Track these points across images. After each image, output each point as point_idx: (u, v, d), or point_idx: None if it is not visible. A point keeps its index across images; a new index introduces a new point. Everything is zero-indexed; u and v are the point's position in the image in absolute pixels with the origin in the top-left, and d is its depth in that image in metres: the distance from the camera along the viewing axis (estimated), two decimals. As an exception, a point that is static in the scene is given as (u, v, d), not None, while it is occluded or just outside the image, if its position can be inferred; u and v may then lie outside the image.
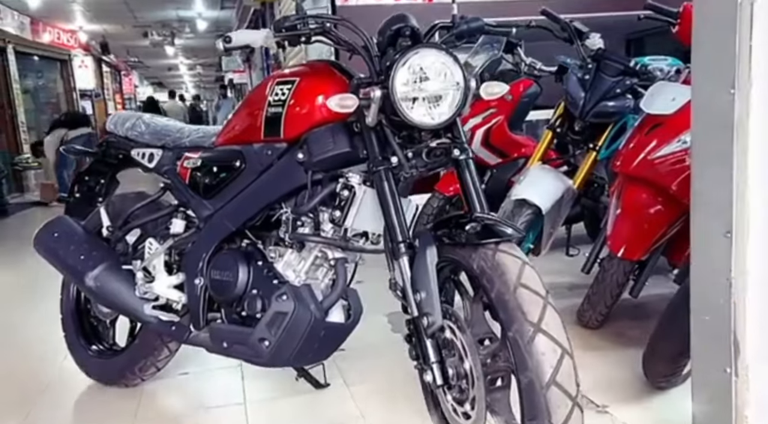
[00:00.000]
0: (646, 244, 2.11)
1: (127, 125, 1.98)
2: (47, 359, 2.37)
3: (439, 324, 1.25)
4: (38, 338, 2.65)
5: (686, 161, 2.05)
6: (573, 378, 1.09)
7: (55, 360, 2.33)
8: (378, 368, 2.11)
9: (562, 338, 1.10)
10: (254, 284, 1.60)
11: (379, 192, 1.40)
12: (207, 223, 1.74)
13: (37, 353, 2.47)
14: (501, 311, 1.12)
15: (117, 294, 1.80)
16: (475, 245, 1.20)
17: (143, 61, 17.28)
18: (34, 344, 2.59)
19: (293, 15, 1.46)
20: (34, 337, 2.70)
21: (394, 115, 1.37)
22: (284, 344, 1.51)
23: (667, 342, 1.64)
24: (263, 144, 1.60)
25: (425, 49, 1.36)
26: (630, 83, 2.48)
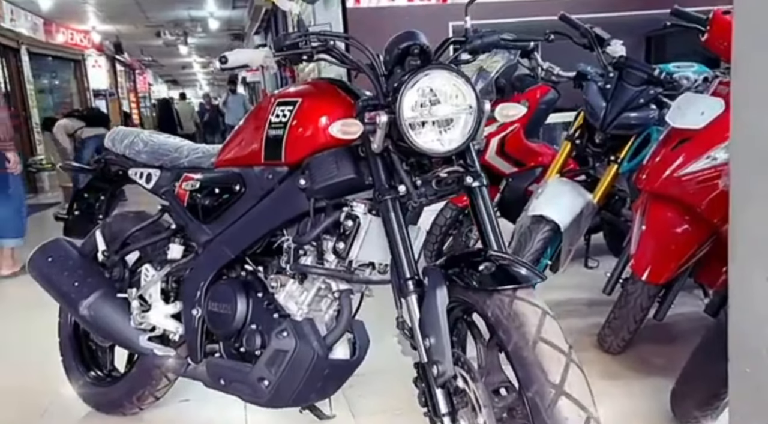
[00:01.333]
0: (673, 266, 1.98)
1: (125, 143, 1.90)
2: (47, 379, 2.29)
3: (450, 374, 1.14)
4: (40, 357, 2.59)
5: (715, 179, 1.93)
6: (599, 448, 0.98)
7: (55, 382, 2.25)
8: (387, 396, 2.01)
9: (587, 400, 0.99)
10: (253, 317, 1.50)
11: (386, 223, 1.30)
12: (205, 249, 1.65)
13: (38, 373, 2.40)
14: (519, 367, 1.02)
15: (112, 324, 1.71)
16: (490, 291, 1.09)
17: (157, 59, 17.30)
18: (35, 364, 2.52)
19: (294, 32, 1.36)
20: (36, 356, 2.63)
21: (401, 141, 1.27)
22: (285, 384, 1.42)
23: (699, 382, 1.52)
24: (264, 167, 1.51)
25: (435, 70, 1.26)
26: (654, 93, 2.35)
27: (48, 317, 2.18)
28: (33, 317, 3.04)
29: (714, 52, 2.06)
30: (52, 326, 2.16)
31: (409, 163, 1.33)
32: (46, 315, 2.19)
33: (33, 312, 3.06)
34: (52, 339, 2.15)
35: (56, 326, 2.14)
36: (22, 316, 3.19)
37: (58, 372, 2.13)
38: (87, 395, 2.02)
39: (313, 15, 6.03)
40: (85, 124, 7.32)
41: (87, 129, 7.31)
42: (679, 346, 2.34)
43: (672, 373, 2.08)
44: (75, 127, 7.35)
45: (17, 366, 2.55)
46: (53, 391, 2.20)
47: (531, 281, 1.08)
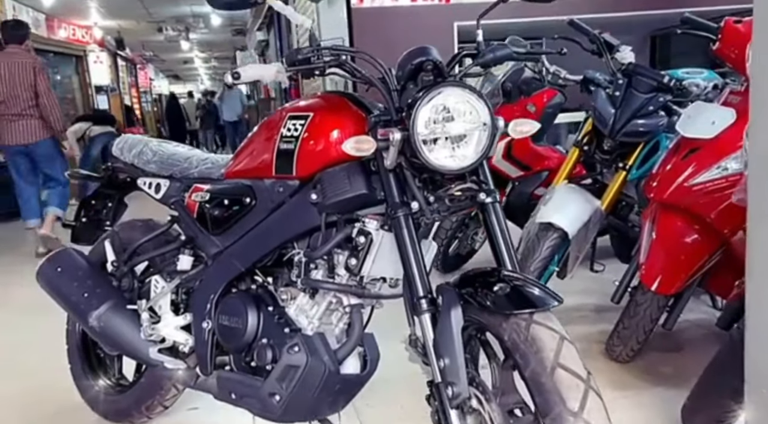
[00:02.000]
0: (683, 277, 1.98)
1: (134, 152, 1.89)
2: (54, 386, 2.29)
3: (465, 396, 1.14)
4: (46, 363, 2.59)
5: (726, 189, 1.92)
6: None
7: (62, 388, 2.25)
8: (395, 405, 2.01)
9: None
10: (264, 331, 1.50)
11: (399, 240, 1.29)
12: (215, 260, 1.64)
13: (45, 380, 2.40)
14: (537, 394, 1.01)
15: (121, 336, 1.71)
16: (507, 314, 1.08)
17: (158, 54, 17.23)
18: (42, 370, 2.52)
19: (306, 47, 1.35)
20: (43, 362, 2.63)
21: (414, 158, 1.26)
22: (296, 400, 1.41)
23: (712, 398, 1.52)
24: (274, 180, 1.50)
25: (449, 87, 1.25)
26: (663, 100, 2.34)
27: (54, 322, 2.18)
28: (39, 322, 3.05)
29: (725, 61, 2.04)
30: (58, 331, 2.16)
31: (422, 179, 1.33)
32: (52, 320, 2.19)
33: (39, 317, 3.07)
34: (59, 345, 2.15)
35: (62, 331, 2.14)
36: (28, 321, 3.18)
37: (65, 379, 2.13)
38: (95, 404, 2.02)
39: (316, 13, 6.01)
40: (92, 124, 7.34)
41: (95, 127, 7.33)
42: (687, 354, 2.34)
43: (681, 382, 2.08)
44: (83, 129, 7.37)
45: (23, 372, 2.55)
46: (60, 398, 2.20)
47: (548, 305, 1.08)
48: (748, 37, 1.92)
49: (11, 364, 2.66)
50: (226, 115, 11.59)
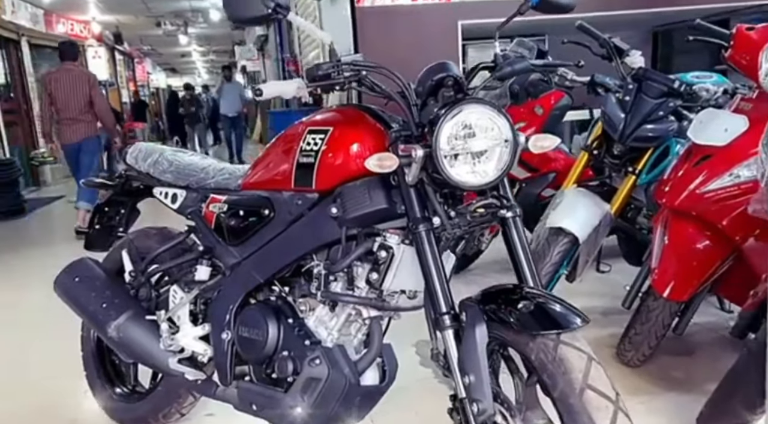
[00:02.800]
0: (695, 283, 1.99)
1: (149, 161, 1.89)
2: (70, 393, 2.31)
3: (490, 412, 1.15)
4: (58, 368, 2.60)
5: (738, 197, 1.93)
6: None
7: (78, 395, 2.27)
8: (410, 411, 2.03)
9: None
10: (285, 344, 1.51)
11: (420, 255, 1.30)
12: (233, 271, 1.65)
13: (59, 386, 2.42)
14: (566, 414, 1.03)
15: (141, 346, 1.72)
16: (534, 335, 1.09)
17: (156, 48, 17.19)
18: (55, 375, 2.54)
19: (326, 62, 1.36)
20: (54, 367, 2.64)
21: (436, 173, 1.27)
22: (317, 411, 1.43)
23: (729, 408, 1.53)
24: (293, 193, 1.51)
25: (471, 104, 1.25)
26: (674, 105, 2.35)
27: (66, 328, 2.19)
28: (53, 328, 3.07)
29: (737, 68, 2.05)
30: (71, 337, 2.17)
31: (443, 194, 1.33)
32: (65, 326, 2.20)
33: (53, 323, 3.08)
34: (73, 351, 2.16)
35: (74, 337, 2.16)
36: (41, 326, 3.19)
37: (80, 385, 2.15)
38: (113, 411, 2.03)
39: (318, 11, 5.99)
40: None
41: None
42: (698, 359, 2.36)
43: (693, 387, 2.11)
44: None
45: (38, 379, 2.56)
46: (77, 404, 2.22)
47: (575, 326, 1.09)
48: (761, 44, 1.93)
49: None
50: (225, 110, 10.92)
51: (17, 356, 2.83)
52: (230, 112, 10.64)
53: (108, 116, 5.45)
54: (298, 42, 7.63)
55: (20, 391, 2.45)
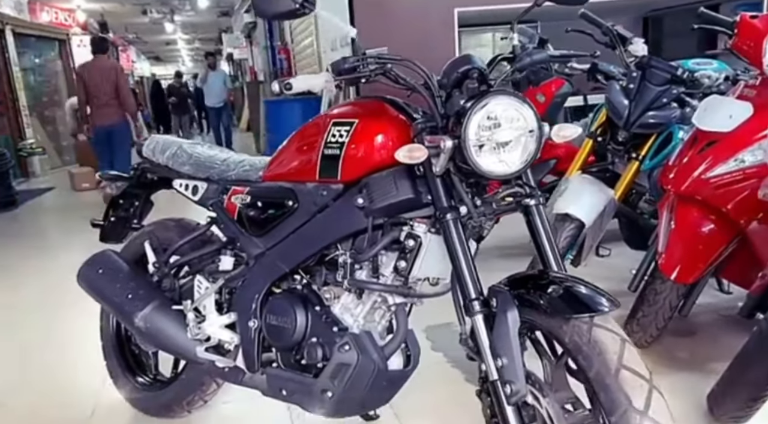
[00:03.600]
0: (701, 267, 2.05)
1: (167, 154, 1.91)
2: (89, 380, 2.34)
3: (524, 394, 1.20)
4: (70, 360, 2.63)
5: (743, 182, 1.99)
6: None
7: (97, 382, 2.30)
8: (426, 394, 2.07)
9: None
10: (313, 331, 1.54)
11: (448, 243, 1.34)
12: (258, 261, 1.68)
13: (73, 376, 2.44)
14: (602, 393, 1.07)
15: (167, 335, 1.75)
16: (567, 318, 1.14)
17: (141, 36, 16.99)
18: (68, 366, 2.56)
19: (352, 56, 1.38)
20: (66, 358, 2.67)
21: (463, 164, 1.31)
22: (347, 395, 1.47)
23: (741, 386, 1.60)
24: (318, 184, 1.53)
25: (499, 96, 1.29)
26: (677, 92, 2.40)
27: (81, 316, 2.20)
28: (69, 316, 3.10)
29: (742, 56, 2.10)
30: (87, 325, 2.19)
31: (469, 183, 1.37)
32: (80, 314, 2.22)
33: (69, 311, 3.11)
34: (89, 338, 2.18)
35: (87, 326, 2.18)
36: (57, 315, 3.21)
37: (99, 372, 2.18)
38: (136, 400, 2.06)
39: None
40: None
41: None
42: (701, 339, 2.44)
43: (697, 367, 2.18)
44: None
45: (56, 367, 2.59)
46: (96, 392, 2.25)
47: (607, 309, 1.14)
48: (765, 31, 1.98)
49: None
50: (209, 100, 10.27)
51: (31, 343, 2.85)
52: (215, 103, 10.12)
53: (130, 100, 6.12)
54: (290, 30, 7.60)
55: (36, 381, 2.47)
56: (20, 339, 2.96)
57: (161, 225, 2.02)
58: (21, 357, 2.76)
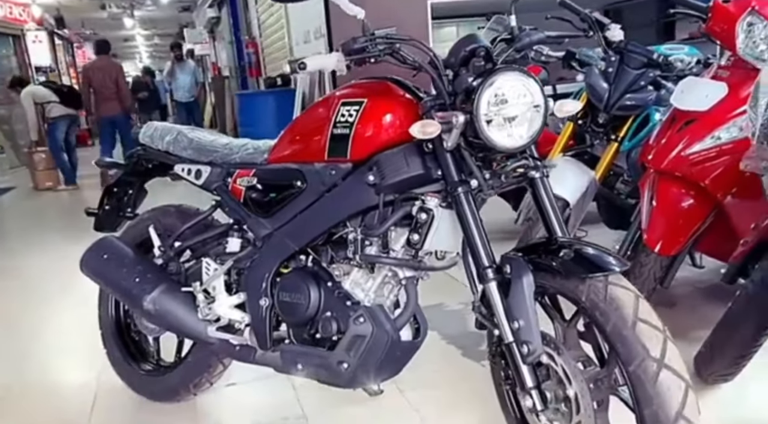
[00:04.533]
0: (682, 239, 2.16)
1: (167, 139, 1.92)
2: (87, 370, 2.34)
3: (540, 352, 1.27)
4: (61, 350, 2.61)
5: (719, 157, 2.11)
6: (697, 410, 1.13)
7: (95, 371, 2.30)
8: (426, 370, 2.12)
9: (683, 371, 1.14)
10: (326, 305, 1.59)
11: (461, 215, 1.40)
12: (266, 242, 1.72)
13: (70, 366, 2.43)
14: (620, 345, 1.15)
15: (177, 317, 1.77)
16: (583, 278, 1.21)
17: (98, 32, 16.55)
18: (61, 356, 2.55)
19: (361, 36, 1.43)
20: (56, 348, 2.65)
21: (474, 138, 1.37)
22: (363, 366, 1.52)
23: (727, 346, 1.71)
24: (326, 164, 1.58)
25: (507, 72, 1.35)
26: (653, 75, 2.51)
27: (73, 303, 2.20)
28: (61, 306, 3.06)
29: (715, 39, 2.21)
30: (81, 314, 2.19)
31: (478, 158, 1.43)
32: (72, 302, 2.21)
33: (62, 300, 3.07)
34: (84, 327, 2.18)
35: (81, 315, 2.19)
36: (50, 304, 3.17)
37: (96, 361, 2.18)
38: (139, 386, 2.07)
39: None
40: (58, 100, 7.14)
41: (57, 107, 7.15)
42: (678, 309, 2.57)
43: (680, 335, 2.27)
44: (46, 99, 7.20)
45: (53, 358, 2.59)
46: (95, 380, 2.25)
47: (619, 268, 1.21)
48: (737, 15, 2.10)
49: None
50: (178, 95, 9.78)
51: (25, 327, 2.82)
52: (184, 98, 9.68)
53: (127, 95, 7.27)
54: (258, 24, 7.55)
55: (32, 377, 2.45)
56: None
57: (161, 211, 2.03)
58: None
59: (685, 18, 2.61)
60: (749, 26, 2.08)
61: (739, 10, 2.10)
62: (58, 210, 6.60)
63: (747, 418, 1.68)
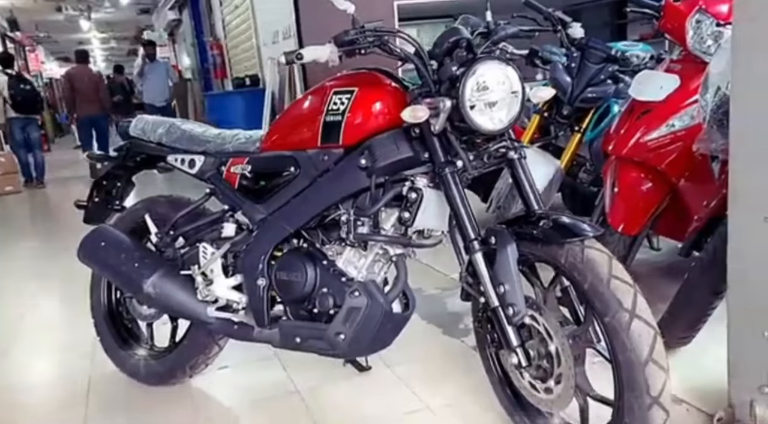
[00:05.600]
0: (642, 219, 2.34)
1: (160, 131, 2.00)
2: (79, 357, 2.40)
3: (525, 313, 1.41)
4: (59, 336, 2.65)
5: (674, 143, 2.30)
6: (664, 355, 1.28)
7: (83, 358, 2.36)
8: (410, 348, 2.21)
9: (652, 320, 1.29)
10: (322, 282, 1.69)
11: (448, 193, 1.53)
12: (261, 226, 1.81)
13: (60, 355, 2.48)
14: (596, 300, 1.30)
15: (177, 299, 1.85)
16: (562, 243, 1.36)
17: (52, 35, 16.22)
18: (52, 345, 2.59)
19: (352, 29, 1.55)
20: (54, 335, 2.69)
21: (459, 122, 1.50)
22: (358, 336, 1.62)
23: (687, 310, 1.88)
24: (319, 150, 1.68)
25: (488, 61, 1.49)
26: (612, 70, 2.69)
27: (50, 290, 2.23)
28: (43, 293, 3.08)
29: (667, 34, 2.41)
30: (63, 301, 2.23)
31: (463, 141, 1.57)
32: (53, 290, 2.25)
33: (45, 288, 3.08)
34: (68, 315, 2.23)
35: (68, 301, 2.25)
36: (35, 293, 3.19)
37: (86, 347, 2.22)
38: (136, 372, 2.13)
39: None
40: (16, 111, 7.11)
41: (18, 114, 7.10)
42: (641, 286, 2.74)
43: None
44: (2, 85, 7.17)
45: (42, 348, 2.63)
46: (88, 367, 2.31)
47: (593, 233, 1.36)
48: (687, 13, 2.30)
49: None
50: (150, 98, 8.71)
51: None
52: (157, 101, 8.64)
53: (106, 99, 8.49)
54: (223, 25, 7.57)
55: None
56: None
57: (152, 201, 2.11)
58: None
59: (636, 20, 2.82)
60: (697, 23, 2.28)
61: (688, 9, 2.30)
62: (21, 216, 6.52)
63: (701, 377, 1.85)
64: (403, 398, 1.95)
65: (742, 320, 1.50)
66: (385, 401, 1.94)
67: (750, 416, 1.51)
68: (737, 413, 1.55)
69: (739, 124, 1.48)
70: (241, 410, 2.00)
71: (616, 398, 1.33)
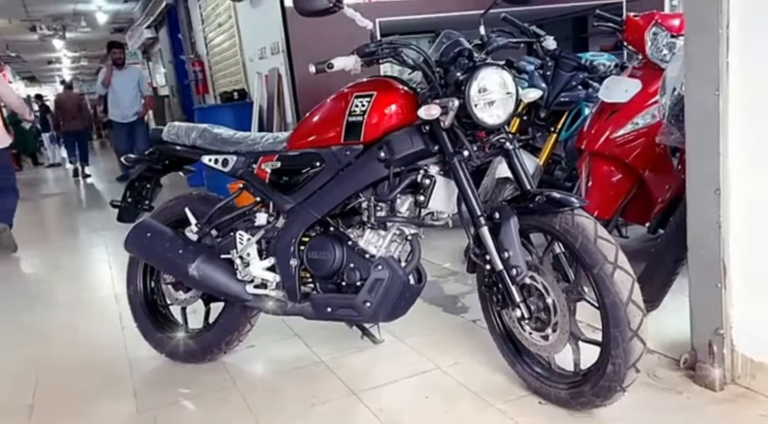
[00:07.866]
0: (614, 206, 2.69)
1: (193, 135, 2.26)
2: (107, 344, 2.63)
3: (527, 274, 1.72)
4: (78, 331, 2.85)
5: (639, 139, 2.65)
6: (640, 297, 1.60)
7: (117, 344, 2.59)
8: (419, 322, 2.51)
9: (631, 270, 1.61)
10: (349, 259, 1.97)
11: (457, 178, 1.83)
12: (290, 214, 2.09)
13: (94, 342, 2.70)
14: (586, 255, 1.61)
15: (219, 280, 2.10)
16: (556, 212, 1.67)
17: (22, 55, 16.16)
18: (81, 336, 2.79)
19: (372, 42, 1.85)
20: (72, 330, 2.89)
21: (466, 118, 1.81)
22: (382, 304, 1.91)
23: (655, 277, 2.21)
24: (342, 146, 1.97)
25: (488, 67, 1.80)
26: (582, 77, 3.05)
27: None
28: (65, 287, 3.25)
29: (628, 45, 2.77)
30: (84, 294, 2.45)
31: (467, 134, 1.87)
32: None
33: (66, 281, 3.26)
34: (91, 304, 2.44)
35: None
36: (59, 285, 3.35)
37: (116, 331, 2.47)
38: (175, 352, 2.37)
39: (233, 11, 6.29)
40: None
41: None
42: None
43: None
44: None
45: (78, 335, 2.83)
46: (123, 348, 2.55)
47: (580, 204, 1.68)
48: (645, 27, 2.66)
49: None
50: (117, 113, 7.57)
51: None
52: (125, 117, 7.54)
53: (88, 117, 10.91)
54: (205, 43, 7.80)
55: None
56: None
57: (187, 197, 2.36)
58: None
59: (597, 34, 3.19)
60: (654, 35, 2.65)
61: (646, 23, 2.67)
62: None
63: (667, 333, 2.17)
64: (417, 362, 2.23)
65: (699, 275, 1.82)
66: (401, 365, 2.22)
67: (709, 355, 1.83)
68: (699, 355, 1.88)
69: (692, 117, 1.82)
70: (275, 378, 2.25)
71: (604, 335, 1.64)
